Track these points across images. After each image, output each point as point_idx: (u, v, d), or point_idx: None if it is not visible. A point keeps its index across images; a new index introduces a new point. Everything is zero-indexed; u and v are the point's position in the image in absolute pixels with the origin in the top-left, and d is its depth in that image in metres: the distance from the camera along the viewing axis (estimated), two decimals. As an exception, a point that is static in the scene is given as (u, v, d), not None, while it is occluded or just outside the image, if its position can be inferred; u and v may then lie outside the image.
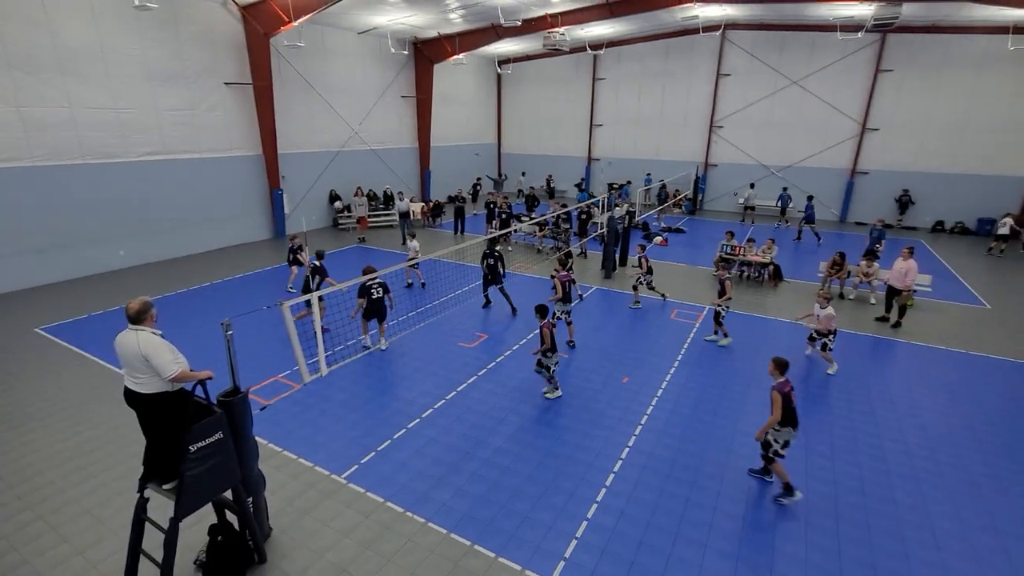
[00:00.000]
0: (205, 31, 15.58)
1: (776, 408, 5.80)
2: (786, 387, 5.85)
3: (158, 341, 4.26)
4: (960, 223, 21.16)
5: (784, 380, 5.90)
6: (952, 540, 5.57)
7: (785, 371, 5.94)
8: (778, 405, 5.78)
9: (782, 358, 6.02)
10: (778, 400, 5.78)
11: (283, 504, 5.93)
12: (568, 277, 9.91)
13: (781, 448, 6.00)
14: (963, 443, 7.29)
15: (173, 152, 15.54)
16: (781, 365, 5.96)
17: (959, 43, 19.71)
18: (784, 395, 5.80)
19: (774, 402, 5.83)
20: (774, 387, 5.89)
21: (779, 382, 5.89)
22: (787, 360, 5.99)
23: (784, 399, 5.79)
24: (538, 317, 8.01)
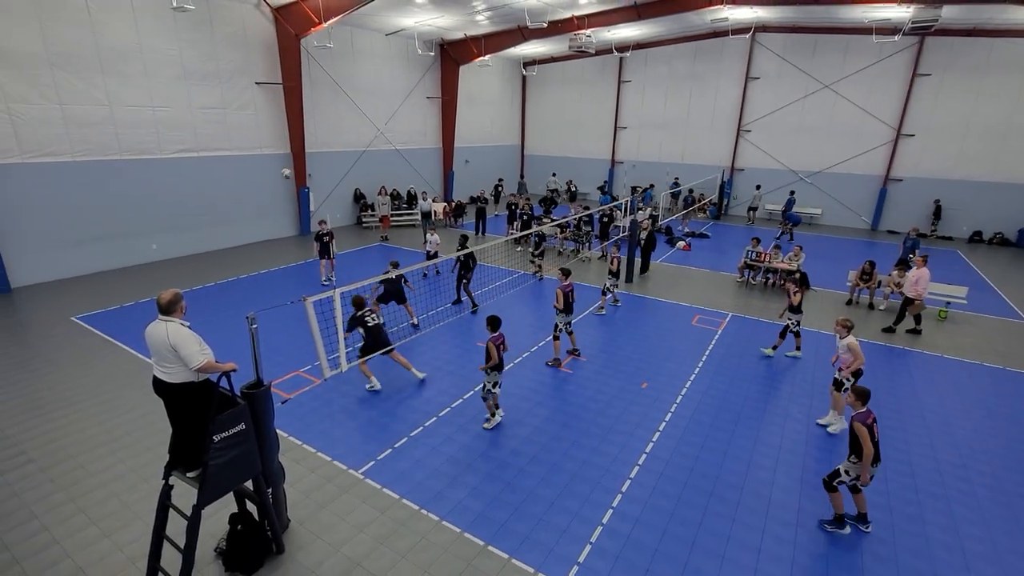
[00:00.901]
0: (238, 32, 15.98)
1: (865, 442, 5.21)
2: (868, 418, 5.31)
3: (186, 332, 4.37)
4: (999, 234, 20.35)
5: (866, 411, 5.35)
6: (984, 563, 5.35)
7: (867, 401, 5.39)
8: (866, 438, 5.21)
9: (864, 388, 5.44)
10: (864, 433, 5.22)
11: (301, 496, 6.02)
12: (570, 287, 9.43)
13: (849, 481, 5.49)
14: (998, 462, 7.00)
15: (205, 149, 15.97)
16: (862, 395, 5.37)
17: (1002, 47, 18.97)
18: (868, 427, 5.27)
19: (860, 436, 5.23)
20: (855, 419, 5.32)
21: (860, 413, 5.33)
22: (869, 390, 5.44)
23: (869, 431, 5.25)
24: (488, 329, 7.22)
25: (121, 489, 6.11)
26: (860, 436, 5.24)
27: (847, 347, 7.29)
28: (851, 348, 7.26)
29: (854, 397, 5.42)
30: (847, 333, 7.34)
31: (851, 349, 7.26)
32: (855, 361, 7.23)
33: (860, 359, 7.24)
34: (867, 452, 5.21)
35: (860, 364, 7.26)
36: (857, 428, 5.26)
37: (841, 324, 7.40)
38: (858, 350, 7.24)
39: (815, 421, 7.80)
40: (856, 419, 5.32)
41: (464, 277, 11.96)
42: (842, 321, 7.42)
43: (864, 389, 5.43)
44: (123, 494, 6.03)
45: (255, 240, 17.90)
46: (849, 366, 7.27)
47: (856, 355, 7.22)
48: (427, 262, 12.26)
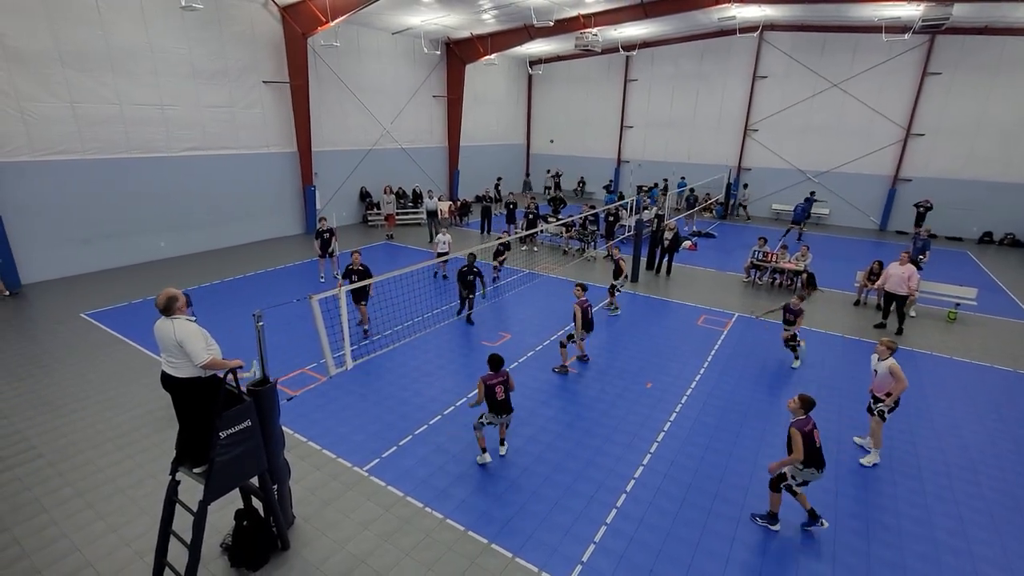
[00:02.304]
0: (246, 31, 16.06)
1: (796, 447, 5.33)
2: (806, 426, 5.41)
3: (193, 328, 4.41)
4: (1011, 234, 20.13)
5: (805, 418, 5.46)
6: (992, 568, 5.30)
7: (810, 409, 5.47)
8: (797, 444, 5.33)
9: (809, 396, 5.51)
10: (796, 438, 5.34)
11: (306, 493, 6.05)
12: (588, 302, 9.12)
13: (796, 485, 5.56)
14: (1008, 466, 6.93)
15: (213, 148, 16.07)
16: (806, 403, 5.47)
17: (1014, 45, 18.74)
18: (804, 434, 5.34)
19: (793, 440, 5.37)
20: (793, 424, 5.44)
21: (799, 419, 5.47)
22: (814, 400, 5.51)
23: (805, 438, 5.33)
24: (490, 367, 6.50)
25: (128, 484, 6.17)
26: (793, 440, 5.38)
27: (888, 370, 6.56)
28: (893, 371, 6.52)
29: (797, 403, 5.49)
30: (889, 355, 6.63)
31: (893, 372, 6.53)
32: (898, 385, 6.54)
33: (903, 383, 6.52)
34: (795, 456, 5.36)
35: (903, 389, 6.55)
36: (792, 433, 5.39)
37: (886, 345, 6.66)
38: (901, 374, 6.52)
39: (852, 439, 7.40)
40: (795, 425, 5.43)
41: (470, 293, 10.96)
42: (886, 342, 6.68)
43: (810, 399, 5.50)
44: (130, 489, 6.09)
45: (262, 238, 18.00)
46: (891, 392, 6.61)
47: (899, 379, 6.52)
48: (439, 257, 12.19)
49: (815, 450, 5.42)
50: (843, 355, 10.17)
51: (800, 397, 5.53)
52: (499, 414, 6.52)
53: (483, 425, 6.59)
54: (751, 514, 5.88)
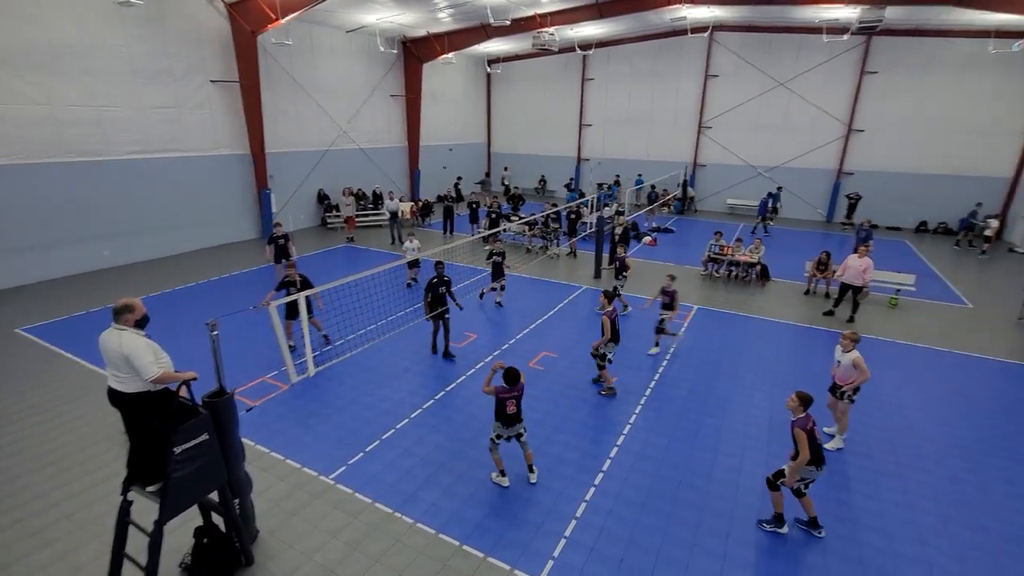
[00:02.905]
0: (191, 28, 15.38)
1: (803, 447, 5.25)
2: (808, 423, 5.31)
3: (141, 342, 4.20)
4: (943, 223, 21.51)
5: (806, 416, 5.35)
6: (936, 537, 5.66)
7: (809, 406, 5.39)
8: (804, 443, 5.23)
9: (807, 393, 5.40)
10: (803, 438, 5.24)
11: (270, 505, 5.87)
12: (615, 312, 8.37)
13: (804, 487, 5.50)
14: (947, 440, 7.41)
15: (158, 151, 15.33)
16: (805, 400, 5.36)
17: (942, 47, 20.04)
18: (808, 432, 5.27)
19: (799, 441, 5.27)
20: (795, 423, 5.34)
21: (800, 418, 5.34)
22: (812, 396, 5.41)
23: (809, 436, 5.26)
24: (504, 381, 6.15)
25: (75, 508, 5.82)
26: (799, 441, 5.28)
27: (852, 362, 6.76)
28: (856, 364, 6.75)
29: (796, 401, 5.40)
30: (853, 347, 6.84)
31: (856, 365, 6.75)
32: (860, 377, 6.77)
33: (865, 375, 6.75)
34: (803, 456, 5.25)
35: (864, 380, 6.79)
36: (797, 434, 5.29)
37: (849, 338, 6.85)
38: (864, 366, 6.74)
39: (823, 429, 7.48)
40: (797, 424, 5.33)
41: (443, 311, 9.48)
42: (850, 335, 6.89)
43: (807, 395, 5.40)
44: (78, 513, 5.74)
45: (215, 244, 17.31)
46: (852, 382, 6.85)
47: (862, 371, 6.74)
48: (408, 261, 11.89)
49: (817, 447, 5.38)
50: (794, 344, 10.63)
51: (798, 395, 5.40)
52: (508, 425, 6.17)
53: (496, 445, 6.24)
54: (757, 520, 5.75)
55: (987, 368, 9.71)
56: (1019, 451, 7.18)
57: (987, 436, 7.54)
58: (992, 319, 12.08)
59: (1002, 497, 6.28)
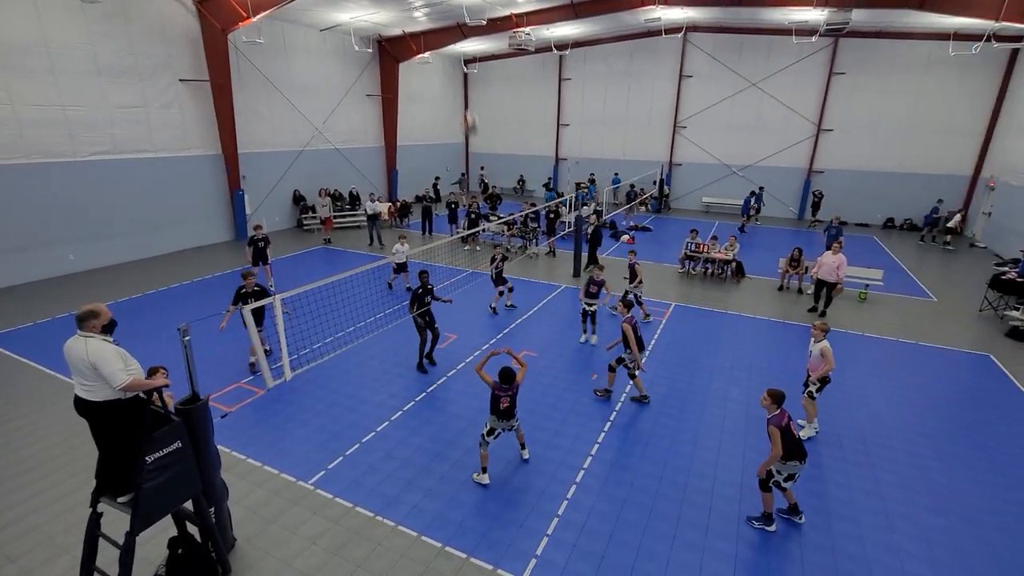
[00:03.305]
0: (157, 25, 14.97)
1: (775, 444, 5.32)
2: (782, 420, 5.36)
3: (108, 349, 4.07)
4: (909, 219, 22.24)
5: (780, 412, 5.40)
6: (903, 522, 5.86)
7: (782, 403, 5.43)
8: (776, 440, 5.31)
9: (778, 390, 5.47)
10: (775, 435, 5.31)
11: (247, 513, 5.76)
12: (634, 319, 8.02)
13: (784, 480, 5.56)
14: (913, 429, 7.67)
15: (126, 151, 14.88)
16: (777, 397, 5.42)
17: (905, 48, 20.71)
18: (782, 428, 5.32)
19: (772, 437, 5.36)
20: (769, 421, 5.40)
21: (774, 415, 5.40)
22: (784, 392, 5.48)
23: (783, 432, 5.32)
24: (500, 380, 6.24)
25: (42, 521, 5.62)
26: (771, 438, 5.37)
27: (820, 352, 6.99)
28: (824, 353, 6.96)
29: (769, 399, 5.45)
30: (823, 336, 7.05)
31: (824, 354, 6.96)
32: (825, 366, 6.98)
33: (830, 365, 6.96)
34: (775, 453, 5.34)
35: (829, 370, 6.99)
36: (771, 431, 5.36)
37: (819, 328, 7.06)
38: (830, 356, 6.96)
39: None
40: (771, 422, 5.38)
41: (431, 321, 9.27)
42: (820, 325, 7.11)
43: (779, 392, 5.45)
44: (45, 526, 5.55)
45: (187, 246, 16.89)
46: (817, 371, 7.05)
47: (827, 361, 6.95)
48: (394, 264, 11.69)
49: (795, 442, 5.42)
50: (770, 339, 10.87)
51: (769, 393, 5.46)
52: (501, 419, 6.31)
53: (487, 442, 6.29)
54: (747, 517, 5.80)
55: (950, 358, 10.09)
56: (979, 438, 7.48)
57: (950, 425, 7.83)
58: (955, 311, 12.54)
59: (964, 482, 6.54)
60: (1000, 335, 11.17)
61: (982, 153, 20.68)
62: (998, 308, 12.29)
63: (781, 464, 5.49)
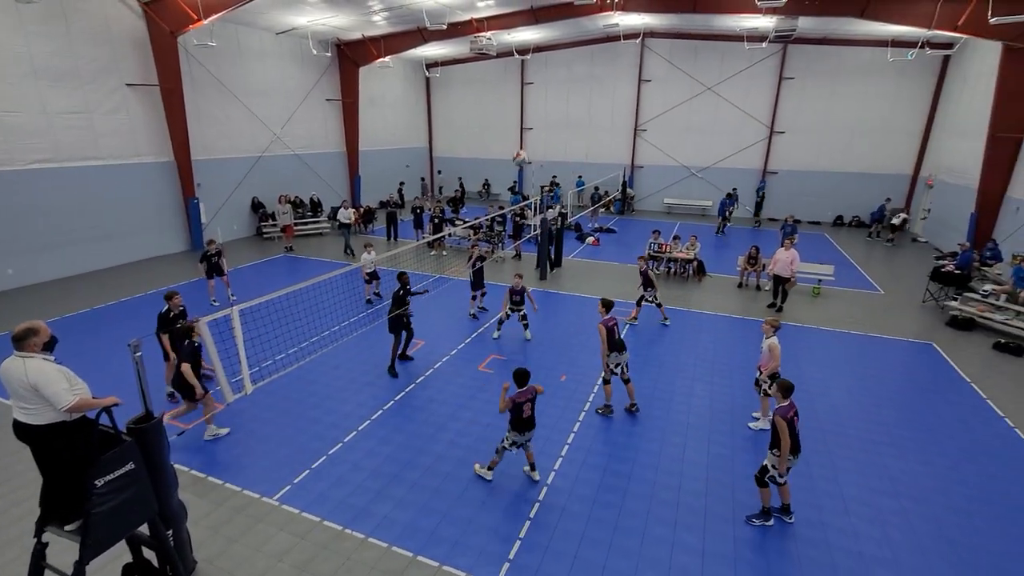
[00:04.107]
0: (100, 27, 14.29)
1: (784, 437, 5.33)
2: (789, 412, 5.39)
3: (50, 368, 3.84)
4: (856, 217, 23.36)
5: (788, 404, 5.42)
6: (860, 506, 6.12)
7: (790, 394, 5.49)
8: (784, 432, 5.31)
9: (788, 381, 5.52)
10: (783, 427, 5.31)
11: (208, 533, 5.54)
12: (614, 320, 7.79)
13: (780, 476, 5.59)
14: (867, 417, 8.04)
15: (69, 159, 14.12)
16: (786, 389, 5.46)
17: (848, 54, 21.80)
18: (788, 421, 5.34)
19: (780, 429, 5.32)
20: (776, 412, 5.40)
21: (782, 407, 5.42)
22: (793, 384, 5.55)
23: (789, 425, 5.34)
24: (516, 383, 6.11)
25: (-19, 556, 5.25)
26: (779, 430, 5.34)
27: (768, 348, 7.16)
28: (771, 349, 7.12)
29: (778, 391, 5.54)
30: (773, 333, 7.20)
31: (771, 350, 7.12)
32: (772, 363, 7.13)
33: (776, 361, 7.12)
34: (785, 445, 5.35)
35: (776, 366, 7.13)
36: (778, 422, 5.35)
37: (770, 324, 7.23)
38: (777, 353, 7.13)
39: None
40: (778, 412, 5.40)
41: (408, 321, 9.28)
42: (771, 321, 7.29)
43: (788, 383, 5.52)
44: (-16, 561, 5.19)
45: (139, 258, 16.15)
46: (767, 367, 7.23)
47: (774, 357, 7.12)
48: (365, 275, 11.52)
49: (794, 436, 5.47)
50: (729, 333, 11.20)
51: (779, 384, 5.52)
52: (523, 431, 6.07)
53: (505, 449, 6.20)
54: (746, 516, 5.82)
55: (898, 348, 10.63)
56: (927, 422, 7.90)
57: (900, 410, 8.24)
58: (900, 303, 13.23)
59: (914, 464, 6.89)
60: (941, 324, 11.84)
61: (921, 153, 21.97)
62: (939, 299, 13.03)
63: (775, 458, 5.51)
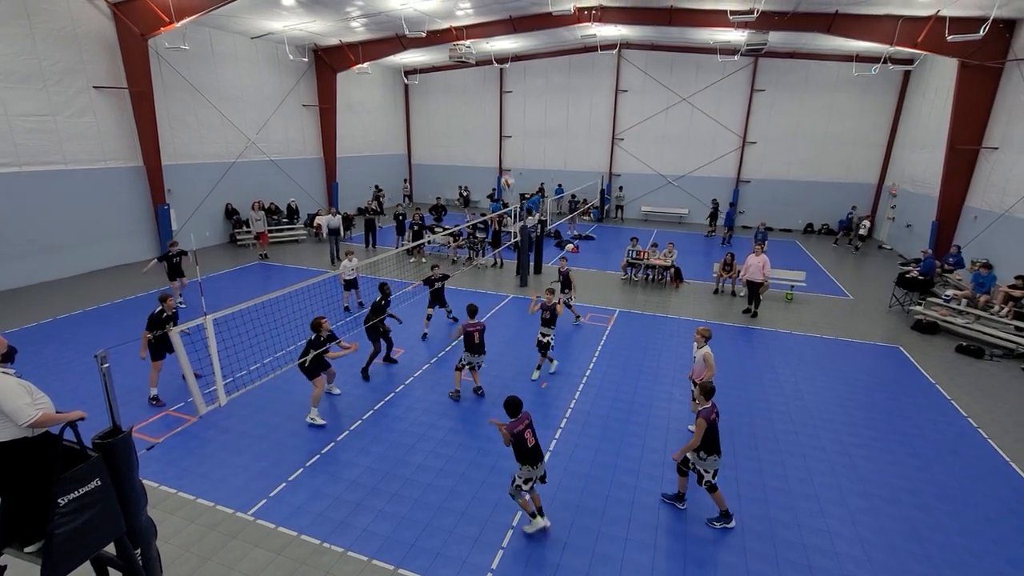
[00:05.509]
0: (66, 28, 13.87)
1: (697, 434, 5.56)
2: (711, 414, 5.61)
3: (10, 382, 3.67)
4: (826, 224, 24.09)
5: (710, 406, 5.65)
6: (834, 506, 6.26)
7: (711, 397, 5.70)
8: (700, 431, 5.55)
9: (709, 384, 5.76)
10: (701, 426, 5.53)
11: (179, 551, 5.34)
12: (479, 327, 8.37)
13: (712, 477, 5.74)
14: (838, 418, 8.24)
15: (31, 163, 13.61)
16: (707, 391, 5.69)
17: (816, 68, 22.57)
18: (710, 422, 5.55)
19: (697, 427, 5.58)
20: (700, 413, 5.61)
21: (705, 408, 5.63)
22: (714, 387, 5.78)
23: (709, 426, 5.56)
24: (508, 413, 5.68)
25: (-69, 582, 4.95)
26: (698, 428, 5.57)
27: (703, 357, 7.10)
28: (706, 359, 7.07)
29: (700, 393, 5.72)
30: (704, 343, 7.20)
31: (706, 360, 7.07)
32: (707, 372, 7.02)
33: (712, 370, 7.04)
34: (695, 442, 5.59)
35: (711, 375, 6.97)
36: (699, 423, 5.56)
37: (701, 334, 7.24)
38: (712, 362, 7.06)
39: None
40: (701, 414, 5.58)
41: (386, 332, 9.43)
42: (702, 331, 7.27)
43: (710, 386, 5.71)
44: (-65, 587, 4.89)
45: (106, 265, 15.62)
46: (702, 376, 7.03)
47: (709, 366, 7.04)
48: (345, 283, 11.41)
49: (713, 437, 5.64)
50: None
51: (701, 386, 5.74)
52: (535, 464, 5.55)
53: (521, 490, 5.58)
54: (661, 495, 6.19)
55: (867, 351, 10.95)
56: (895, 423, 8.15)
57: (870, 412, 8.47)
58: (868, 308, 13.66)
59: (884, 464, 7.08)
60: (907, 328, 12.26)
61: (885, 163, 22.81)
62: (904, 304, 13.49)
63: (703, 460, 5.71)
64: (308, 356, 7.42)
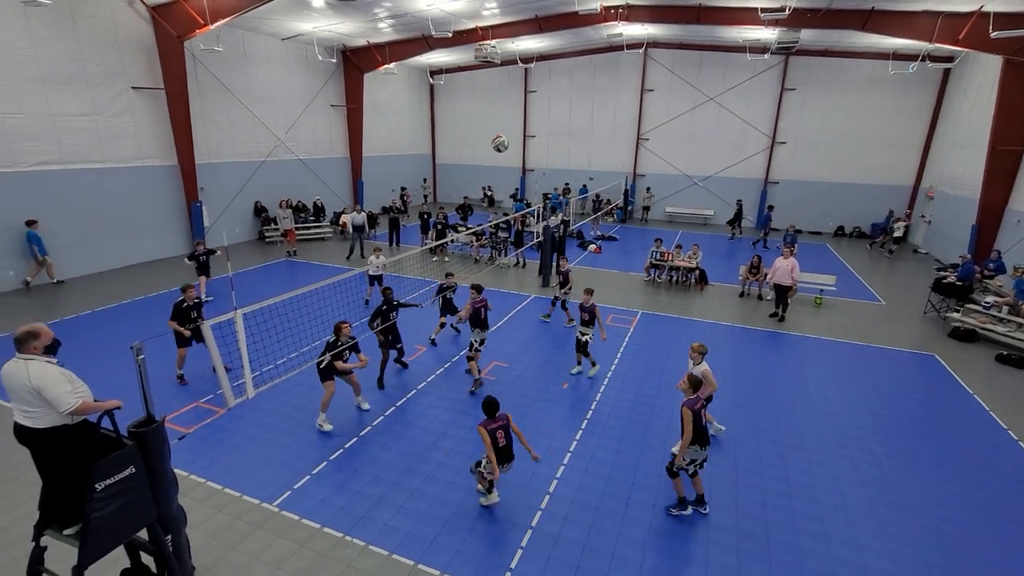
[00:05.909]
0: (108, 31, 14.39)
1: (687, 426, 5.57)
2: (696, 404, 5.64)
3: (53, 371, 3.83)
4: (858, 227, 23.40)
5: (695, 397, 5.68)
6: (863, 518, 6.07)
7: (697, 388, 5.76)
8: (687, 422, 5.55)
9: (696, 376, 5.85)
10: (688, 417, 5.56)
11: (207, 540, 5.49)
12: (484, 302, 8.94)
13: (687, 465, 5.78)
14: (868, 427, 8.00)
15: (74, 161, 14.17)
16: (694, 383, 5.77)
17: (849, 66, 21.93)
18: (695, 412, 5.59)
19: (684, 419, 5.58)
20: (684, 404, 5.63)
21: (690, 399, 5.67)
22: (700, 379, 5.80)
23: (695, 417, 5.58)
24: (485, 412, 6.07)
25: (-23, 559, 5.21)
26: (684, 419, 5.55)
27: (702, 375, 6.60)
28: (705, 376, 6.68)
29: (686, 384, 5.74)
30: (701, 359, 6.85)
31: (705, 377, 6.67)
32: (708, 388, 6.73)
33: (712, 386, 6.84)
34: (686, 436, 5.56)
35: (712, 391, 6.86)
36: (684, 412, 5.58)
37: (697, 350, 6.87)
38: (711, 379, 6.77)
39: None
40: (685, 404, 5.60)
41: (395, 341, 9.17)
42: (697, 347, 6.89)
43: (697, 378, 5.78)
44: (-20, 565, 5.14)
45: (141, 260, 16.16)
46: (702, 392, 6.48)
47: (709, 383, 6.75)
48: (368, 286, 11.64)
49: (702, 429, 5.71)
50: (732, 343, 11.17)
51: (688, 377, 5.83)
52: (501, 463, 5.82)
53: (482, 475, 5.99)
54: (665, 507, 6.06)
55: (900, 359, 10.59)
56: (928, 434, 7.86)
57: (902, 422, 8.19)
58: (902, 314, 13.21)
59: (914, 476, 6.84)
60: (943, 335, 11.82)
61: (921, 165, 22.02)
62: (940, 310, 13.01)
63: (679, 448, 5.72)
64: (325, 357, 7.52)
